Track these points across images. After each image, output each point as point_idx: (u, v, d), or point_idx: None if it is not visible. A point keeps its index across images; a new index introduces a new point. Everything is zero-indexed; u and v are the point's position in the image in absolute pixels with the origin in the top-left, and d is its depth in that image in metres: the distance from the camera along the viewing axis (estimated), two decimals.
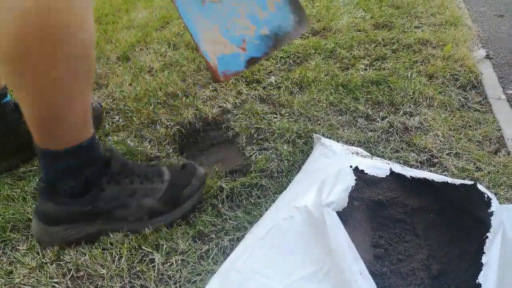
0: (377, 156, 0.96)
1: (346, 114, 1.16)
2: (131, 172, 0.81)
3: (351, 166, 0.74)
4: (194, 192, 0.86)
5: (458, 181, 0.67)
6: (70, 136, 0.71)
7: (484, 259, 0.54)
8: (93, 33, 0.66)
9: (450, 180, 0.67)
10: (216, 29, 0.77)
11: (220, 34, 0.78)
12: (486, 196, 0.62)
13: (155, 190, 0.82)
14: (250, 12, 0.78)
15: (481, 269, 0.53)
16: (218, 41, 0.78)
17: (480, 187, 0.64)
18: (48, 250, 0.79)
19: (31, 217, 0.86)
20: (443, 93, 1.24)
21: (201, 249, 0.79)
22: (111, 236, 0.80)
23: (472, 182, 0.65)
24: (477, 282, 0.52)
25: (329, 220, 0.58)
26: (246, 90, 1.27)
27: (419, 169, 0.96)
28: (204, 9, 0.76)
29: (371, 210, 0.70)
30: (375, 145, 1.04)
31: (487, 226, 0.58)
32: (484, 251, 0.55)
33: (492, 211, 0.60)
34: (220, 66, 0.78)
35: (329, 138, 1.01)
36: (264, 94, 1.25)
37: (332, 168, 0.76)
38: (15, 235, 0.84)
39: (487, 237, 0.57)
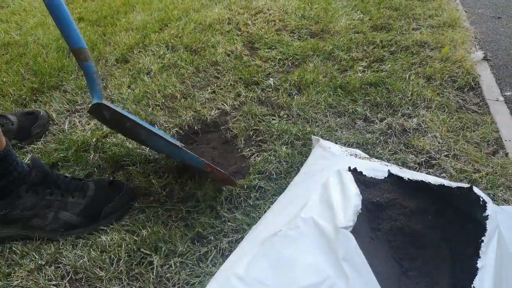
0: (376, 158, 0.96)
1: (345, 116, 1.16)
2: (53, 184, 0.83)
3: (349, 168, 0.74)
4: (116, 209, 0.87)
5: (454, 184, 0.67)
6: None
7: (479, 263, 0.54)
8: None
9: (446, 182, 0.67)
10: None
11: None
12: (481, 199, 0.63)
13: (75, 204, 0.84)
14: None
15: (477, 273, 0.54)
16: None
17: (476, 190, 0.64)
18: (45, 253, 0.79)
19: None
20: (441, 95, 1.24)
21: (199, 251, 0.79)
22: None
23: (468, 185, 0.65)
24: (472, 286, 0.52)
25: (348, 244, 0.57)
26: (245, 92, 1.27)
27: (418, 171, 0.96)
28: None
29: (370, 211, 0.70)
30: (374, 147, 1.04)
31: (483, 230, 0.58)
32: (480, 255, 0.55)
33: (488, 215, 0.60)
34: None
35: (328, 139, 1.02)
36: (262, 96, 1.26)
37: (330, 170, 0.76)
38: (13, 238, 0.84)
39: (482, 240, 0.57)
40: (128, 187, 0.90)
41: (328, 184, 0.70)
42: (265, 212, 0.82)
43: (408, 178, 0.72)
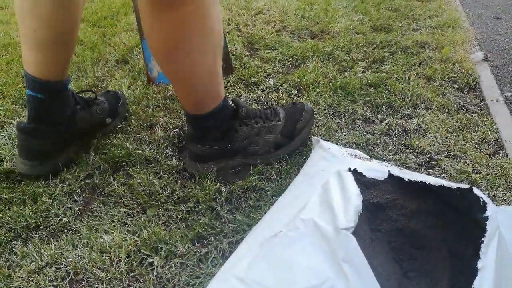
0: (376, 159, 0.96)
1: (345, 116, 1.16)
2: (254, 115, 0.99)
3: (349, 169, 0.74)
4: (306, 123, 1.03)
5: (454, 185, 0.67)
6: (211, 103, 0.90)
7: (479, 264, 0.54)
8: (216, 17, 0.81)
9: (446, 183, 0.67)
10: None
11: None
12: (481, 200, 0.63)
13: (275, 126, 1.00)
14: None
15: (477, 274, 0.54)
16: None
17: (476, 191, 0.64)
18: (45, 253, 0.79)
19: (30, 220, 0.86)
20: (441, 96, 1.24)
21: (200, 252, 0.79)
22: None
23: (468, 186, 0.65)
24: (472, 287, 0.52)
25: (348, 245, 0.57)
26: (245, 93, 1.27)
27: (418, 171, 0.96)
28: None
29: (370, 212, 0.70)
30: (374, 148, 1.04)
31: (483, 230, 0.58)
32: (480, 256, 0.55)
33: (488, 216, 0.60)
34: (157, 78, 1.33)
35: (328, 140, 1.02)
36: (262, 96, 1.26)
37: (330, 171, 0.76)
38: (13, 239, 0.84)
39: (482, 241, 0.57)
40: (308, 105, 1.06)
41: (328, 185, 0.70)
42: (265, 213, 0.82)
43: (408, 179, 0.72)
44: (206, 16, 0.78)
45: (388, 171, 0.74)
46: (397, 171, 0.75)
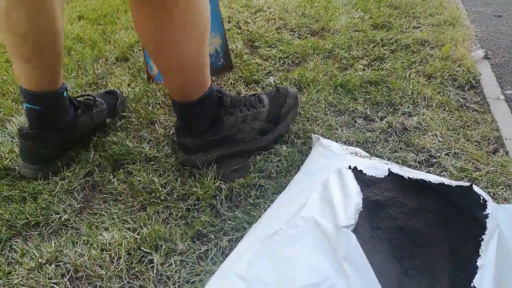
0: (376, 156, 0.96)
1: (345, 114, 1.16)
2: (239, 104, 1.01)
3: (349, 167, 0.74)
4: (290, 108, 1.06)
5: (454, 183, 0.67)
6: (198, 91, 0.92)
7: (479, 262, 0.54)
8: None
9: (446, 181, 0.67)
10: None
11: None
12: (482, 198, 0.63)
13: (260, 113, 1.02)
14: None
15: (477, 272, 0.54)
16: None
17: (476, 188, 0.64)
18: (45, 250, 0.79)
19: (30, 217, 0.86)
20: (441, 93, 1.24)
21: (200, 250, 0.79)
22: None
23: (468, 184, 0.65)
24: (472, 285, 0.52)
25: (348, 243, 0.57)
26: (245, 91, 1.27)
27: (418, 169, 0.96)
28: None
29: (370, 210, 0.70)
30: (374, 145, 1.04)
31: (483, 228, 0.58)
32: (480, 253, 0.55)
33: (488, 213, 0.60)
34: (157, 76, 1.33)
35: (328, 138, 1.02)
36: None
37: (331, 169, 0.76)
38: (13, 236, 0.84)
39: (482, 239, 0.57)
40: (291, 90, 1.09)
41: (328, 182, 0.70)
42: (265, 211, 0.82)
43: (408, 177, 0.72)
44: (193, 5, 0.79)
45: (388, 169, 0.74)
46: (397, 169, 0.75)
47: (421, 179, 0.70)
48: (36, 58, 0.88)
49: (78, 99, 1.06)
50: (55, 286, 0.74)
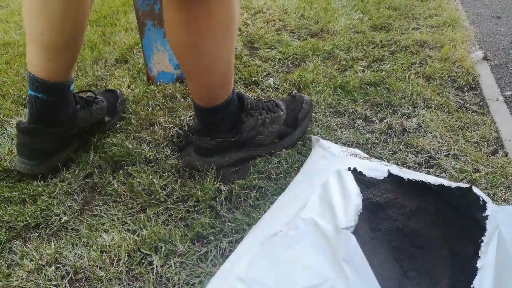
0: (376, 158, 0.96)
1: (344, 115, 1.16)
2: (258, 107, 1.01)
3: (349, 168, 0.74)
4: (306, 113, 1.07)
5: (454, 184, 0.67)
6: (223, 94, 0.92)
7: (479, 263, 0.55)
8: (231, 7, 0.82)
9: (446, 182, 0.67)
10: (165, 56, 1.30)
11: (167, 60, 1.31)
12: (481, 199, 0.63)
13: (278, 117, 1.03)
14: None
15: (476, 273, 0.54)
16: (163, 64, 1.31)
17: (475, 190, 0.64)
18: (45, 252, 0.79)
19: (29, 219, 0.86)
20: (440, 95, 1.24)
21: (199, 251, 0.79)
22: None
23: (468, 185, 0.65)
24: (472, 286, 0.52)
25: (348, 244, 0.57)
26: (245, 92, 1.27)
27: (417, 171, 0.96)
28: (164, 41, 1.27)
29: (370, 211, 0.70)
30: (373, 147, 1.04)
31: (482, 230, 0.58)
32: (480, 255, 0.55)
33: (487, 215, 0.60)
34: (157, 77, 1.34)
35: (328, 139, 1.02)
36: (262, 95, 1.26)
37: (330, 170, 0.76)
38: (13, 238, 0.84)
39: (482, 240, 0.57)
40: (306, 96, 1.10)
41: (328, 184, 0.70)
42: (265, 212, 0.82)
43: (408, 178, 0.72)
44: (228, 4, 0.80)
45: (388, 170, 0.74)
46: (396, 170, 0.75)
47: (420, 180, 0.70)
48: (59, 48, 0.88)
49: (79, 94, 1.06)
50: None
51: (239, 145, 0.98)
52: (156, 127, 1.13)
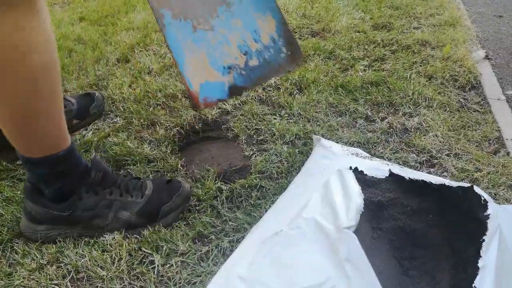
0: (377, 157, 0.96)
1: (346, 115, 1.16)
2: (112, 184, 0.83)
3: (350, 168, 0.74)
4: (173, 209, 0.86)
5: (455, 183, 0.67)
6: (44, 147, 0.74)
7: (480, 263, 0.54)
8: (44, 55, 0.66)
9: (447, 182, 0.67)
10: (204, 57, 0.77)
11: (208, 63, 0.77)
12: (483, 198, 0.63)
13: (133, 203, 0.84)
14: (242, 41, 0.77)
15: (478, 273, 0.54)
16: (203, 69, 0.77)
17: (477, 189, 0.64)
18: (47, 252, 0.79)
19: None
20: (442, 94, 1.24)
21: (201, 251, 0.79)
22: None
23: (469, 185, 0.65)
24: (473, 286, 0.52)
25: (350, 244, 0.57)
26: (246, 92, 1.27)
27: (419, 170, 0.96)
28: (195, 37, 0.76)
29: (371, 210, 0.70)
30: (375, 146, 1.04)
31: (484, 229, 0.58)
32: (481, 254, 0.55)
33: (489, 214, 0.60)
34: (202, 93, 0.76)
35: (329, 139, 1.02)
36: (263, 95, 1.25)
37: (331, 170, 0.76)
38: (14, 237, 0.84)
39: (483, 240, 0.57)
40: (185, 187, 0.89)
41: (329, 183, 0.70)
42: (266, 212, 0.82)
43: (409, 178, 0.72)
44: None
45: (389, 169, 0.74)
46: (398, 169, 0.75)
47: (422, 180, 0.70)
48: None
49: None
50: (56, 287, 0.74)
51: (70, 222, 0.81)
52: (157, 126, 1.13)
